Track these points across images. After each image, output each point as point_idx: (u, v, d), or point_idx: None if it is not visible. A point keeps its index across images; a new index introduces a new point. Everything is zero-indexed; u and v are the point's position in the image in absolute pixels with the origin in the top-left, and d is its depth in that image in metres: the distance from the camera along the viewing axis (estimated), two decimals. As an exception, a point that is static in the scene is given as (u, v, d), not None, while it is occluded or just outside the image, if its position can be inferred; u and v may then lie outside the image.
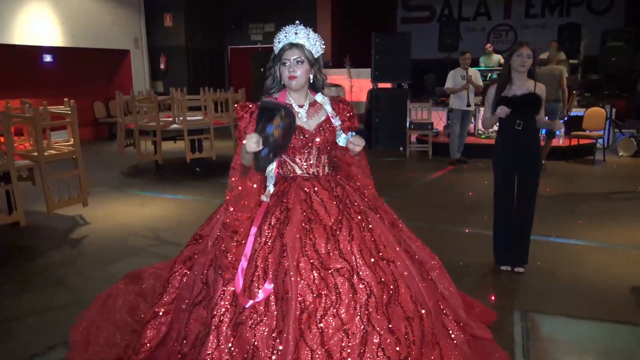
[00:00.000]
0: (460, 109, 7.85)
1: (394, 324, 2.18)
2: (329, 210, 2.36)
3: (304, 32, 2.41)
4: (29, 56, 9.94)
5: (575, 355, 2.78)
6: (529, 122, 3.67)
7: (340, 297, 2.16)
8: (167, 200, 6.11)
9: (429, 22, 15.04)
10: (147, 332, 2.49)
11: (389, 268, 2.32)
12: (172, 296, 2.55)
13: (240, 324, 2.18)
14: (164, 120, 7.41)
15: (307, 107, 2.48)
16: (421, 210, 5.58)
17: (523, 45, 3.61)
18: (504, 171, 3.80)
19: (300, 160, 2.47)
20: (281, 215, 2.33)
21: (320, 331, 2.10)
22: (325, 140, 2.45)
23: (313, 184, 2.44)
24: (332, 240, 2.27)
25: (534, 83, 3.67)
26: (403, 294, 2.29)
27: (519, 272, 3.83)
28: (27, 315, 3.27)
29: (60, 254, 4.38)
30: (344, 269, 2.21)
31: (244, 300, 2.19)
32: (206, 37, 13.31)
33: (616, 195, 6.21)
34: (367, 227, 2.39)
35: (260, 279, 2.22)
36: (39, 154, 4.64)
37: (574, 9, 13.85)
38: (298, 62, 2.37)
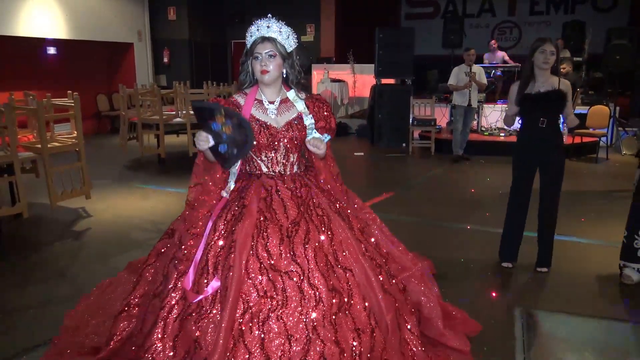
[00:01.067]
0: (462, 105, 7.83)
1: (341, 335, 2.10)
2: (288, 210, 2.29)
3: (277, 25, 2.36)
4: (33, 48, 9.95)
5: (575, 352, 2.79)
6: (553, 120, 3.62)
7: (287, 301, 2.08)
8: (169, 193, 6.12)
9: (433, 18, 15.00)
10: (119, 324, 2.48)
11: (345, 276, 2.23)
12: (143, 288, 2.54)
13: (186, 318, 2.16)
14: (167, 114, 7.42)
15: (278, 104, 2.41)
16: (423, 207, 5.58)
17: (546, 42, 3.54)
18: (525, 169, 3.76)
19: (266, 157, 2.39)
20: (237, 211, 2.28)
21: (262, 333, 2.04)
22: (293, 138, 2.37)
23: (276, 182, 2.38)
24: (287, 241, 2.20)
25: (558, 79, 3.60)
26: (356, 305, 2.20)
27: (543, 272, 3.80)
28: (29, 306, 3.28)
29: (62, 246, 4.40)
30: (294, 272, 2.13)
31: (192, 295, 2.17)
32: (210, 31, 13.30)
33: (618, 194, 6.19)
34: (327, 231, 2.30)
35: (209, 274, 2.18)
36: (42, 146, 4.64)
37: (579, 7, 13.78)
38: (270, 56, 2.32)
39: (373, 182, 7.17)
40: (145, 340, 2.19)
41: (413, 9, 15.48)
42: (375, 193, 5.87)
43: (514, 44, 14.43)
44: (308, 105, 2.44)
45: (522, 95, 3.63)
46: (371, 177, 7.55)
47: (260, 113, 2.38)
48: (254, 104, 2.39)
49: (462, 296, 3.30)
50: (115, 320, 2.50)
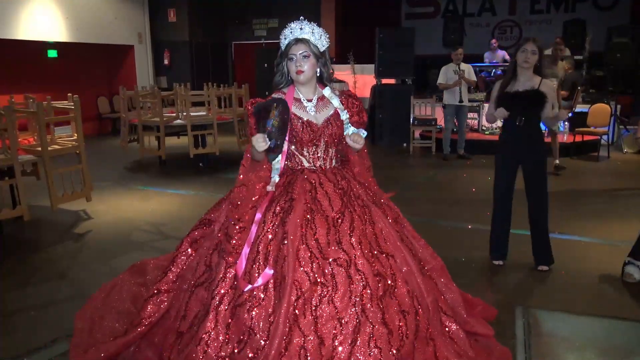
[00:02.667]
0: (453, 104, 7.85)
1: (388, 317, 2.22)
2: (333, 202, 2.41)
3: (309, 27, 2.47)
4: (33, 51, 9.96)
5: (576, 351, 2.78)
6: (531, 119, 3.65)
7: (337, 286, 2.21)
8: (170, 195, 6.12)
9: (433, 18, 14.98)
10: (147, 308, 2.56)
11: (388, 262, 2.37)
12: (175, 275, 2.62)
13: (238, 307, 2.25)
14: (168, 116, 7.42)
15: (316, 101, 2.54)
16: (424, 206, 5.58)
17: (528, 41, 3.58)
18: (505, 167, 3.80)
19: (307, 153, 2.53)
20: (285, 205, 2.40)
21: (314, 318, 2.16)
22: (332, 134, 2.51)
23: (319, 176, 2.50)
24: (333, 231, 2.32)
25: (539, 79, 3.63)
26: (400, 288, 2.33)
27: (543, 271, 3.80)
28: (30, 308, 3.29)
29: (63, 248, 4.40)
30: (342, 259, 2.26)
31: (244, 284, 2.26)
32: (210, 33, 13.30)
33: (620, 192, 6.18)
34: (369, 220, 2.44)
35: (260, 264, 2.29)
36: (42, 149, 4.65)
37: (580, 5, 13.76)
38: (304, 57, 2.43)
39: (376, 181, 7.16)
40: (198, 330, 2.28)
41: (413, 8, 15.47)
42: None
43: (514, 42, 14.39)
44: (342, 102, 2.58)
45: (501, 93, 3.67)
46: (372, 177, 7.54)
47: (300, 111, 2.51)
48: (293, 102, 2.51)
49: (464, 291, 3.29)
50: (144, 304, 2.59)
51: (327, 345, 2.13)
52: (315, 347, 2.12)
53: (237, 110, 7.69)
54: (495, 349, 2.64)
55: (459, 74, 7.69)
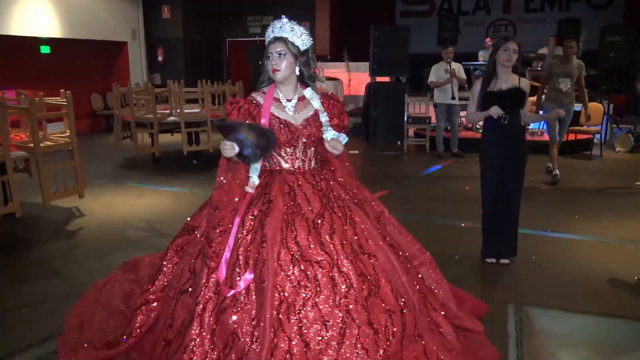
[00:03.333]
0: (444, 102, 7.88)
1: (374, 317, 2.21)
2: (312, 203, 2.40)
3: (289, 25, 2.44)
4: (26, 47, 9.89)
5: (569, 349, 2.79)
6: (514, 116, 3.71)
7: (320, 289, 2.19)
8: (163, 192, 6.10)
9: (428, 16, 14.99)
10: (137, 318, 2.54)
11: (370, 262, 2.36)
12: (163, 283, 2.60)
13: (222, 312, 2.23)
14: (161, 113, 7.40)
15: (296, 101, 2.50)
16: (418, 204, 5.59)
17: (509, 40, 3.63)
18: (491, 165, 3.83)
19: (286, 154, 2.50)
20: (263, 207, 2.37)
21: (299, 321, 2.14)
22: (311, 135, 2.48)
23: (297, 178, 2.48)
24: (314, 232, 2.30)
25: (518, 77, 3.71)
26: (384, 288, 2.32)
27: (505, 264, 3.88)
28: (23, 306, 3.27)
29: (56, 245, 4.38)
30: (324, 261, 2.24)
31: (226, 289, 2.25)
32: (204, 30, 13.26)
33: (612, 191, 6.22)
34: (349, 221, 2.43)
35: (241, 268, 2.27)
36: (34, 145, 4.62)
37: (574, 4, 13.81)
38: (280, 55, 2.41)
39: (368, 179, 7.16)
40: (183, 336, 2.26)
41: (408, 6, 15.47)
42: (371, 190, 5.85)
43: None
44: (323, 103, 2.54)
45: (484, 92, 3.70)
46: (366, 175, 7.54)
47: (279, 111, 2.48)
48: (272, 102, 2.48)
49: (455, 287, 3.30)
50: (134, 314, 2.56)
51: (312, 349, 2.11)
52: (301, 351, 2.10)
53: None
54: (484, 346, 2.64)
55: (450, 72, 7.71)
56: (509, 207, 3.83)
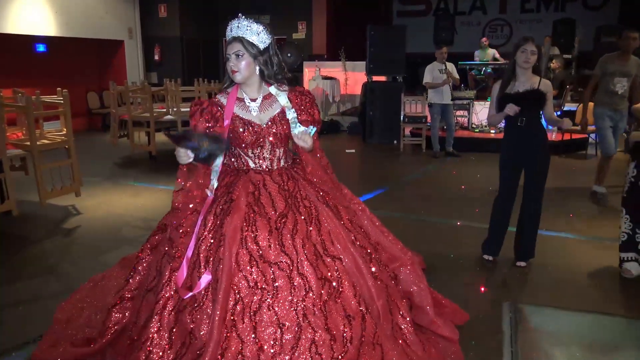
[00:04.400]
0: (439, 103, 7.91)
1: (331, 322, 2.16)
2: (276, 203, 2.35)
3: (246, 23, 2.35)
4: (23, 45, 9.89)
5: (562, 346, 2.82)
6: (532, 119, 3.65)
7: (278, 291, 2.15)
8: (160, 191, 6.11)
9: (425, 16, 15.04)
10: (112, 316, 2.50)
11: (334, 264, 2.29)
12: (137, 282, 2.57)
13: (180, 311, 2.20)
14: (158, 111, 7.40)
15: (260, 101, 2.45)
16: (413, 203, 5.61)
17: (528, 41, 3.56)
18: (508, 167, 3.81)
19: (253, 154, 2.45)
20: (225, 206, 2.33)
21: (254, 323, 2.10)
22: (278, 134, 2.42)
23: (263, 177, 2.44)
24: (275, 233, 2.25)
25: (538, 79, 3.64)
26: (345, 292, 2.25)
27: (521, 267, 3.86)
28: (19, 303, 3.28)
29: (52, 243, 4.39)
30: (283, 263, 2.19)
31: (183, 292, 2.21)
32: (201, 28, 13.26)
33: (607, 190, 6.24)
34: (315, 222, 2.37)
35: (201, 268, 2.23)
36: (31, 143, 4.63)
37: (569, 4, 13.88)
38: (238, 56, 2.35)
39: (364, 178, 7.19)
40: (142, 334, 2.23)
41: (405, 6, 15.52)
42: (366, 189, 5.89)
43: (505, 41, 14.50)
44: (291, 99, 2.46)
45: (502, 94, 3.68)
46: (362, 174, 7.57)
47: (243, 112, 2.42)
48: (236, 102, 2.43)
49: (452, 290, 3.31)
50: (109, 312, 2.53)
51: (266, 352, 2.07)
52: (254, 353, 2.06)
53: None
54: (452, 354, 2.59)
55: (446, 73, 7.74)
56: (532, 210, 3.80)
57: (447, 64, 7.87)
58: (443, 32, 11.13)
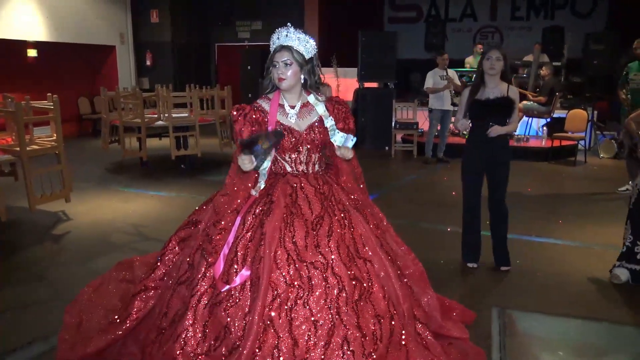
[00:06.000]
0: (440, 109, 7.95)
1: (363, 320, 2.25)
2: (312, 206, 2.45)
3: (294, 33, 2.49)
4: (13, 50, 9.83)
5: (550, 351, 2.84)
6: (500, 124, 3.74)
7: (313, 289, 2.25)
8: (151, 197, 6.09)
9: (416, 22, 15.13)
10: (135, 303, 2.60)
11: (365, 266, 2.40)
12: (162, 272, 2.66)
13: (216, 305, 2.30)
14: (149, 117, 7.38)
15: (299, 108, 2.56)
16: (404, 208, 5.63)
17: (492, 49, 3.71)
18: (474, 172, 3.88)
19: (290, 158, 2.56)
20: (265, 207, 2.44)
21: (289, 319, 2.20)
22: (315, 140, 2.53)
23: (300, 180, 2.54)
24: (312, 234, 2.36)
25: (507, 86, 3.75)
26: (376, 293, 2.36)
27: (505, 270, 3.91)
28: (7, 309, 3.26)
29: (41, 249, 4.36)
30: (319, 262, 2.30)
31: (221, 284, 2.31)
32: (193, 34, 13.26)
33: (596, 196, 6.31)
34: (348, 225, 2.47)
35: (238, 264, 2.33)
36: (21, 149, 4.60)
37: (558, 12, 14.02)
38: (286, 65, 2.46)
39: (356, 184, 7.21)
40: (177, 327, 2.32)
41: (396, 12, 15.60)
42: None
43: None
44: (328, 108, 2.60)
45: (471, 100, 3.76)
46: (354, 180, 7.60)
47: (283, 117, 2.54)
48: (277, 109, 2.53)
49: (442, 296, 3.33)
50: (131, 300, 2.62)
51: (300, 347, 2.16)
52: (289, 347, 2.16)
53: (219, 112, 7.68)
54: (470, 351, 2.68)
55: (447, 79, 7.79)
56: (500, 215, 3.87)
57: (448, 70, 7.92)
58: (434, 39, 11.22)
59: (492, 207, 3.89)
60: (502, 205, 3.87)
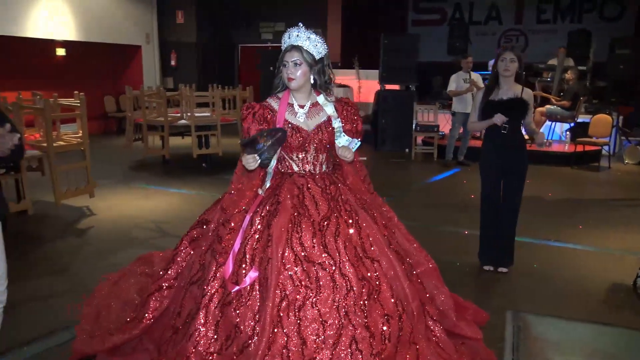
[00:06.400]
0: (463, 112, 7.90)
1: (371, 320, 2.27)
2: (319, 206, 2.46)
3: (305, 33, 2.48)
4: (42, 49, 10.09)
5: (563, 355, 2.83)
6: (514, 126, 3.73)
7: (321, 289, 2.26)
8: (172, 194, 6.20)
9: (439, 25, 15.05)
10: (150, 303, 2.65)
11: (373, 266, 2.40)
12: (175, 272, 2.70)
13: (226, 305, 2.32)
14: (172, 116, 7.51)
15: (308, 108, 2.56)
16: (420, 211, 5.63)
17: (506, 51, 3.70)
18: (491, 174, 3.87)
19: (297, 158, 2.56)
20: (272, 207, 2.45)
21: (298, 319, 2.22)
22: (322, 140, 2.53)
23: (307, 181, 2.54)
24: (319, 234, 2.37)
25: (521, 88, 3.74)
26: (384, 292, 2.36)
27: (503, 272, 3.92)
28: (31, 300, 3.37)
29: (65, 242, 4.48)
30: (326, 263, 2.31)
31: (231, 285, 2.34)
32: (217, 35, 13.41)
33: (617, 202, 6.21)
34: (355, 225, 2.48)
35: (247, 265, 2.35)
36: (48, 145, 4.74)
37: (586, 15, 13.81)
38: (296, 65, 2.46)
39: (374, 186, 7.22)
40: (189, 326, 2.36)
41: (420, 15, 15.54)
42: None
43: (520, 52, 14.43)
44: (337, 109, 2.59)
45: (485, 102, 3.75)
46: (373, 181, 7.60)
47: (292, 117, 2.55)
48: (286, 107, 2.55)
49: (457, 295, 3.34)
50: (147, 299, 2.67)
51: (309, 347, 2.18)
52: (298, 347, 2.18)
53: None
54: (482, 352, 2.68)
55: (470, 82, 7.76)
56: (508, 218, 3.87)
57: (471, 74, 7.89)
58: (457, 42, 11.15)
59: (505, 209, 3.87)
60: (517, 209, 3.85)
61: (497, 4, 14.74)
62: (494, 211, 3.91)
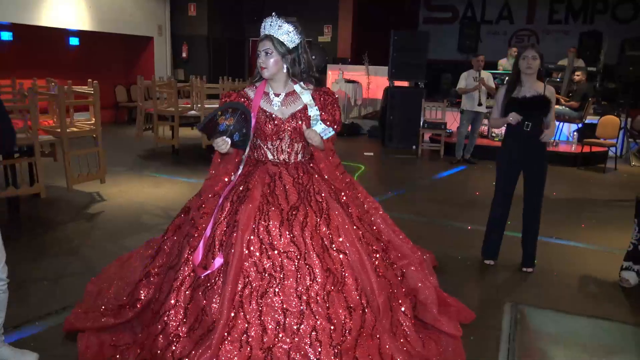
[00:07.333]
0: (471, 110, 7.93)
1: (333, 312, 2.28)
2: (289, 195, 2.49)
3: (277, 22, 2.49)
4: (56, 38, 10.22)
5: (559, 347, 2.89)
6: (536, 124, 3.73)
7: (284, 278, 2.29)
8: (180, 183, 6.30)
9: (451, 23, 15.06)
10: (140, 290, 2.69)
11: (339, 258, 2.42)
12: (163, 260, 2.74)
13: (196, 289, 2.38)
14: (183, 107, 7.61)
15: (283, 96, 2.58)
16: (427, 206, 5.69)
17: (527, 48, 3.69)
18: (508, 170, 3.88)
19: (272, 146, 2.58)
20: (241, 194, 2.48)
21: (260, 307, 2.25)
22: (297, 129, 2.54)
23: (280, 169, 2.58)
24: (286, 224, 2.38)
25: (543, 85, 3.74)
26: (349, 285, 2.38)
27: (528, 272, 3.93)
28: (43, 279, 3.48)
29: (75, 226, 4.59)
30: (292, 252, 2.33)
31: (199, 270, 2.38)
32: (228, 28, 13.50)
33: (622, 203, 6.24)
34: (325, 216, 2.49)
35: (215, 250, 2.39)
36: (61, 130, 4.84)
37: (598, 16, 13.76)
38: (267, 54, 2.48)
39: (380, 181, 7.29)
40: (161, 307, 2.42)
41: (432, 13, 15.56)
42: (381, 192, 6.00)
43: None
44: (314, 97, 2.59)
45: (508, 99, 3.76)
46: (379, 177, 7.66)
47: (267, 105, 2.57)
48: (262, 96, 2.57)
49: (457, 290, 3.40)
50: (136, 287, 2.73)
51: (269, 334, 2.21)
52: (258, 334, 2.21)
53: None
54: (453, 350, 2.65)
55: (479, 81, 7.78)
56: (533, 215, 3.89)
57: (481, 72, 7.91)
58: (467, 40, 11.17)
59: (527, 208, 3.89)
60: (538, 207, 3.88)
61: (510, 3, 14.72)
62: (505, 209, 3.94)
